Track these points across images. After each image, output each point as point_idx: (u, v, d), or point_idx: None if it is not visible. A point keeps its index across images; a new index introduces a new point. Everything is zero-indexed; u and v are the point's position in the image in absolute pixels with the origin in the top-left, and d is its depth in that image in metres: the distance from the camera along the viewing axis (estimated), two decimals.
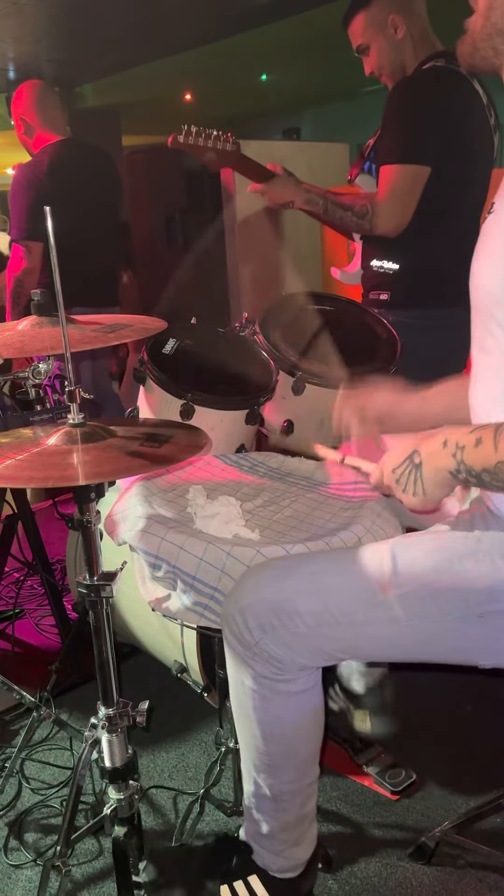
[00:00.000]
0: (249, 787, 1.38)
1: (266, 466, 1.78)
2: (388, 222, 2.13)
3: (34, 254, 2.82)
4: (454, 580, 1.16)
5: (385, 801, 1.72)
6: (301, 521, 1.51)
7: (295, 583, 1.22)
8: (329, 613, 1.19)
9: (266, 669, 1.24)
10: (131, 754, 1.37)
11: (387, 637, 1.21)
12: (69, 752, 1.91)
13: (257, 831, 1.40)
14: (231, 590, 1.29)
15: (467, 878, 1.52)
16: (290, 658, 1.23)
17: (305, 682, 1.27)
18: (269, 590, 1.23)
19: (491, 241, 1.16)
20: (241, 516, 1.49)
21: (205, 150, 2.08)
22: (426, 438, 1.14)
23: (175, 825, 1.68)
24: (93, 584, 1.28)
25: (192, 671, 1.75)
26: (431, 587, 1.16)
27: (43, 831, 1.69)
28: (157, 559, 1.37)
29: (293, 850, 1.40)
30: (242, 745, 1.36)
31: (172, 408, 1.78)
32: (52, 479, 1.07)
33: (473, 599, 1.14)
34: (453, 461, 1.09)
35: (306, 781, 1.36)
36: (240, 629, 1.23)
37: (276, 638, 1.21)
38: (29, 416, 1.77)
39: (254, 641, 1.22)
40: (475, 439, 1.07)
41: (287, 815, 1.36)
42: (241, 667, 1.27)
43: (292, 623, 1.20)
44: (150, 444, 1.22)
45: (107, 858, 1.61)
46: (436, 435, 1.13)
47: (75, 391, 1.22)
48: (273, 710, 1.28)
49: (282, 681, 1.25)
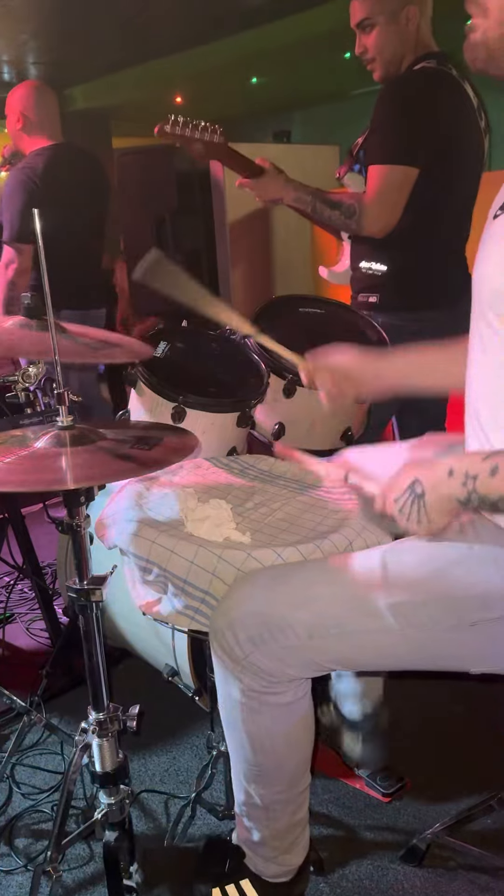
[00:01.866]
0: (240, 795, 1.37)
1: (257, 469, 1.78)
2: (375, 222, 2.13)
3: (25, 256, 2.83)
4: (446, 588, 1.15)
5: (376, 804, 1.72)
6: (292, 524, 1.50)
7: (285, 594, 1.21)
8: (320, 624, 1.18)
9: (255, 683, 1.23)
10: (122, 759, 1.37)
11: (379, 646, 1.20)
12: (60, 757, 1.90)
13: (249, 838, 1.40)
14: (220, 602, 1.28)
15: (458, 879, 1.52)
16: (281, 670, 1.22)
17: (295, 693, 1.27)
18: (259, 601, 1.22)
19: (496, 246, 1.14)
20: (232, 519, 1.49)
21: (192, 140, 2.07)
22: (426, 467, 1.11)
23: (167, 829, 1.67)
24: (83, 588, 1.28)
25: (183, 674, 1.74)
26: (423, 595, 1.16)
27: (34, 836, 1.68)
28: (148, 563, 1.36)
29: (285, 857, 1.40)
30: (232, 755, 1.36)
31: (164, 410, 1.78)
32: (42, 483, 1.06)
33: (465, 608, 1.13)
34: (463, 490, 1.05)
35: (297, 790, 1.36)
36: (229, 643, 1.22)
37: (266, 651, 1.20)
38: (18, 420, 1.77)
39: (243, 655, 1.21)
40: (490, 468, 1.03)
41: (278, 823, 1.36)
42: (230, 680, 1.26)
43: (283, 636, 1.19)
44: (139, 447, 1.21)
45: (98, 863, 1.60)
46: (437, 463, 1.10)
47: (64, 393, 1.21)
48: (262, 721, 1.27)
49: (271, 693, 1.24)
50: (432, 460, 1.12)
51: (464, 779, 1.78)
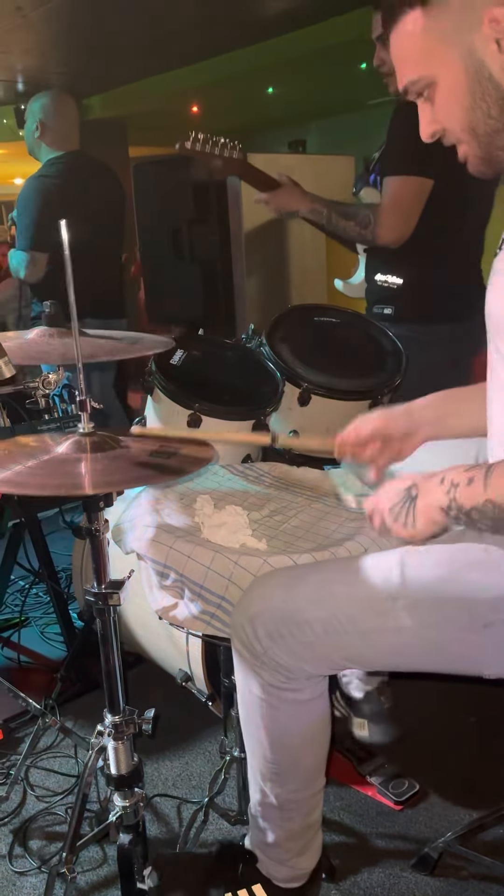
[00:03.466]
0: (256, 795, 1.39)
1: (272, 476, 1.79)
2: (390, 233, 2.14)
3: (39, 265, 2.84)
4: (462, 590, 1.16)
5: (388, 812, 1.73)
6: (307, 531, 1.52)
7: (303, 591, 1.23)
8: (337, 621, 1.20)
9: (274, 678, 1.25)
10: (137, 762, 1.38)
11: (393, 645, 1.22)
12: (74, 760, 1.91)
13: (262, 840, 1.41)
14: (240, 599, 1.30)
15: (470, 889, 1.52)
16: (298, 666, 1.24)
17: (313, 691, 1.29)
18: (277, 598, 1.24)
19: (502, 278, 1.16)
20: (248, 526, 1.50)
21: (212, 157, 2.11)
22: (427, 475, 1.15)
23: (179, 833, 1.68)
24: (100, 592, 1.29)
25: (196, 680, 1.76)
26: (439, 597, 1.17)
27: (47, 838, 1.69)
28: (166, 568, 1.38)
29: (298, 860, 1.41)
30: (249, 753, 1.37)
31: (180, 418, 1.80)
32: (63, 488, 1.08)
33: (480, 609, 1.15)
34: (446, 498, 1.09)
35: (312, 790, 1.38)
36: (249, 638, 1.24)
37: (284, 646, 1.22)
38: (37, 426, 1.79)
39: (262, 650, 1.23)
40: (468, 478, 1.07)
41: (293, 823, 1.37)
42: (250, 675, 1.28)
43: (300, 631, 1.21)
44: (158, 456, 1.23)
45: (111, 866, 1.61)
46: (436, 473, 1.13)
47: (86, 401, 1.23)
48: (280, 718, 1.29)
49: (289, 689, 1.26)
50: (433, 472, 1.15)
51: (476, 788, 1.78)
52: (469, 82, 1.07)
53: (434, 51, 1.08)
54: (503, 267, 1.17)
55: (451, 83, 1.09)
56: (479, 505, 1.06)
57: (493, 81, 1.06)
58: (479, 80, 1.06)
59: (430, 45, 1.08)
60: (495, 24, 1.02)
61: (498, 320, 1.18)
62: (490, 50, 1.04)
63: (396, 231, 2.14)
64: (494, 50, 1.04)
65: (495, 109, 1.07)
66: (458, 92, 1.09)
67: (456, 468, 1.11)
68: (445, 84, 1.10)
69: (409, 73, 1.12)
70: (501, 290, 1.17)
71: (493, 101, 1.07)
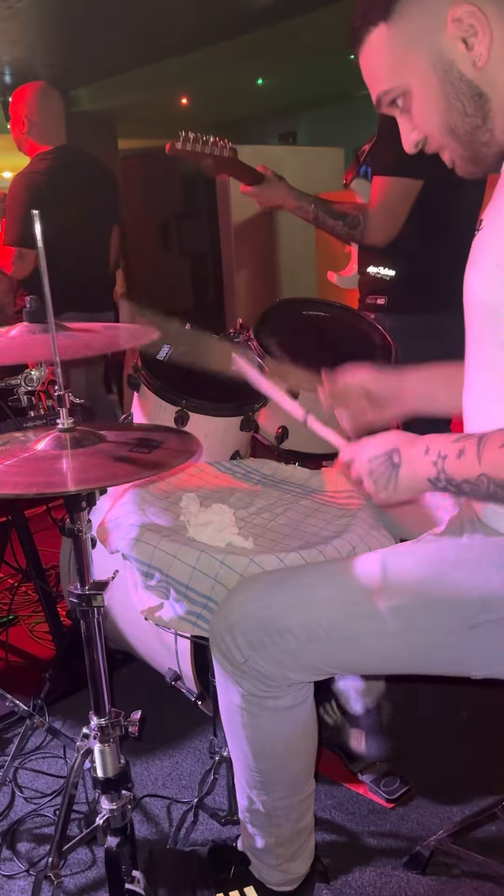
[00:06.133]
0: (243, 801, 1.37)
1: (260, 473, 1.77)
2: (378, 233, 2.14)
3: (27, 261, 2.82)
4: (446, 591, 1.15)
5: (380, 810, 1.71)
6: (295, 529, 1.50)
7: (284, 597, 1.21)
8: (319, 628, 1.17)
9: (255, 687, 1.23)
10: (124, 764, 1.36)
11: (378, 650, 1.20)
12: (63, 761, 1.89)
13: (253, 845, 1.39)
14: (219, 607, 1.28)
15: (462, 887, 1.51)
16: (281, 674, 1.21)
17: (295, 698, 1.26)
18: (257, 605, 1.21)
19: (481, 257, 1.15)
20: (234, 524, 1.48)
21: (202, 156, 2.09)
22: (409, 440, 1.13)
23: (169, 834, 1.66)
24: (84, 593, 1.27)
25: (185, 679, 1.74)
26: (423, 598, 1.15)
27: (36, 841, 1.68)
28: (150, 568, 1.36)
29: (290, 864, 1.39)
30: (234, 761, 1.35)
31: (167, 414, 1.78)
32: (36, 486, 1.05)
33: (465, 610, 1.13)
34: (434, 469, 1.08)
35: (300, 797, 1.35)
36: (228, 647, 1.21)
37: (265, 655, 1.19)
38: (21, 423, 1.76)
39: (243, 659, 1.20)
40: (458, 450, 1.06)
41: (282, 830, 1.35)
42: (230, 685, 1.25)
43: (282, 639, 1.18)
44: (140, 450, 1.21)
45: (100, 868, 1.59)
46: (419, 440, 1.12)
47: (65, 395, 1.21)
48: (262, 726, 1.26)
49: (271, 697, 1.24)
50: (415, 436, 1.14)
51: (468, 785, 1.76)
52: (441, 84, 1.08)
53: (403, 60, 1.10)
54: (480, 247, 1.15)
55: (423, 89, 1.10)
56: (473, 479, 1.04)
57: (465, 80, 1.07)
58: (450, 80, 1.07)
59: (397, 55, 1.10)
60: (459, 24, 1.04)
61: (476, 302, 1.16)
62: (458, 49, 1.05)
63: (384, 232, 2.14)
64: (462, 49, 1.05)
65: (471, 107, 1.08)
66: (431, 96, 1.10)
67: (440, 437, 1.10)
68: (418, 90, 1.11)
69: (381, 86, 1.14)
70: (480, 270, 1.15)
71: (467, 98, 1.08)
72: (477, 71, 1.06)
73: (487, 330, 1.15)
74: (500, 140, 1.11)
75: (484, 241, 1.14)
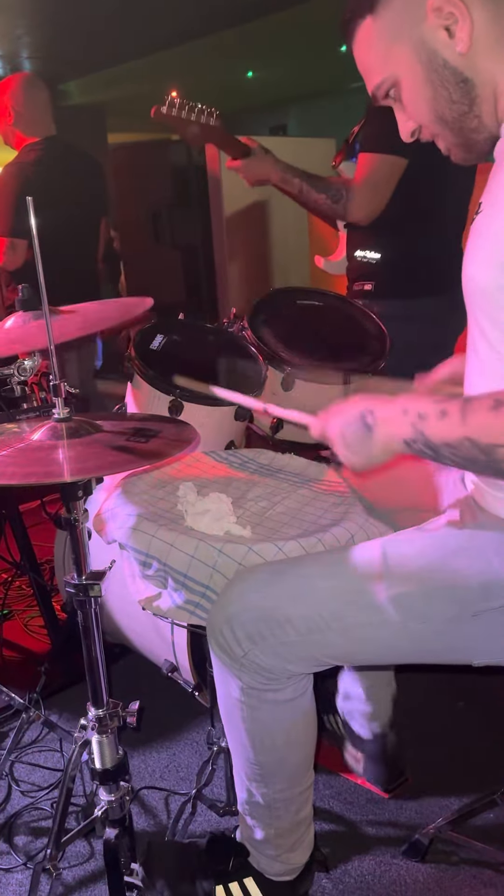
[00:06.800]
0: (242, 794, 1.36)
1: (256, 463, 1.76)
2: (360, 209, 2.13)
3: (18, 251, 2.81)
4: (447, 579, 1.13)
5: (378, 799, 1.71)
6: (293, 518, 1.49)
7: (284, 588, 1.19)
8: (320, 618, 1.16)
9: (254, 680, 1.21)
10: (122, 755, 1.35)
11: (379, 640, 1.18)
12: (59, 754, 1.88)
13: (252, 836, 1.38)
14: (217, 598, 1.26)
15: (462, 874, 1.51)
16: (281, 667, 1.20)
17: (295, 690, 1.25)
18: (256, 596, 1.20)
19: (482, 241, 1.13)
20: (232, 513, 1.47)
21: (188, 123, 2.07)
22: (382, 401, 1.10)
23: (167, 826, 1.66)
24: (81, 583, 1.26)
25: (182, 670, 1.73)
26: (424, 587, 1.14)
27: (33, 834, 1.67)
28: (148, 557, 1.35)
29: (289, 855, 1.38)
30: (233, 753, 1.34)
31: (161, 404, 1.76)
32: (34, 476, 1.04)
33: (467, 598, 1.12)
34: (411, 430, 1.04)
35: (300, 789, 1.34)
36: (227, 641, 1.20)
37: (265, 648, 1.18)
38: (15, 414, 1.75)
39: (242, 653, 1.19)
40: (439, 411, 1.02)
41: (281, 821, 1.34)
42: (229, 678, 1.24)
43: (282, 631, 1.17)
44: (136, 440, 1.20)
45: (99, 861, 1.59)
46: (394, 400, 1.08)
47: (60, 385, 1.20)
48: (262, 719, 1.25)
49: (270, 690, 1.23)
50: (387, 397, 1.10)
51: (466, 773, 1.76)
52: (426, 73, 1.10)
53: (389, 51, 1.13)
54: (479, 230, 1.13)
55: (410, 78, 1.12)
56: (453, 441, 1.01)
57: (449, 67, 1.09)
58: (434, 68, 1.09)
59: (384, 47, 1.13)
60: (438, 13, 1.06)
61: (476, 286, 1.14)
62: (440, 38, 1.08)
63: (366, 208, 2.13)
64: (444, 37, 1.07)
65: (457, 93, 1.10)
66: (418, 85, 1.12)
67: (418, 397, 1.07)
68: (406, 80, 1.13)
69: (373, 79, 1.17)
70: (481, 252, 1.12)
71: (452, 85, 1.10)
72: (460, 58, 1.08)
73: (486, 314, 1.13)
74: (488, 125, 1.12)
75: (483, 225, 1.12)
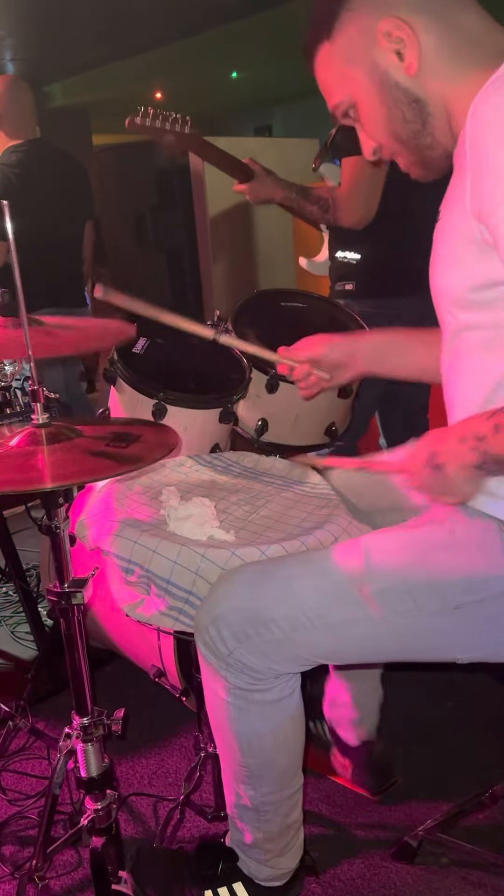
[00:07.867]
0: (231, 797, 1.35)
1: (240, 466, 1.75)
2: (351, 214, 2.14)
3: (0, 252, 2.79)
4: (429, 573, 1.15)
5: (367, 802, 1.71)
6: (276, 521, 1.48)
7: (268, 588, 1.20)
8: (304, 616, 1.17)
9: (241, 680, 1.22)
10: (107, 763, 1.34)
11: (363, 637, 1.19)
12: (46, 762, 1.87)
13: (241, 840, 1.38)
14: (203, 599, 1.26)
15: (451, 876, 1.51)
16: (266, 666, 1.20)
17: (282, 690, 1.25)
18: (241, 596, 1.21)
19: (442, 247, 1.18)
20: (215, 517, 1.46)
21: (163, 132, 2.06)
22: (440, 438, 1.10)
23: (155, 832, 1.65)
24: (63, 591, 1.25)
25: (169, 675, 1.72)
26: (406, 582, 1.15)
27: (20, 843, 1.65)
28: (130, 563, 1.34)
29: (279, 860, 1.38)
30: (221, 755, 1.34)
31: (144, 408, 1.75)
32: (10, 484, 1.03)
33: (449, 592, 1.13)
34: (476, 455, 1.04)
35: (288, 792, 1.34)
36: (213, 640, 1.20)
37: (251, 647, 1.18)
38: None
39: (227, 652, 1.20)
40: (493, 426, 1.02)
41: (270, 825, 1.34)
42: (216, 678, 1.24)
43: (267, 630, 1.17)
44: (117, 444, 1.19)
45: (87, 869, 1.57)
46: (450, 432, 1.10)
47: (39, 390, 1.18)
48: (249, 720, 1.25)
49: (257, 690, 1.23)
50: (444, 431, 1.12)
51: (454, 775, 1.76)
52: (380, 94, 1.14)
53: (345, 74, 1.17)
54: (439, 237, 1.18)
55: (366, 99, 1.16)
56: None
57: (401, 88, 1.13)
58: (388, 90, 1.13)
59: (340, 70, 1.17)
60: (388, 37, 1.10)
61: (438, 288, 1.19)
62: (391, 61, 1.11)
63: (357, 212, 2.14)
64: (395, 60, 1.11)
65: (410, 113, 1.14)
66: (374, 105, 1.16)
67: (469, 420, 1.08)
68: (363, 101, 1.17)
69: (332, 99, 1.21)
70: (440, 260, 1.17)
71: (405, 105, 1.13)
72: (411, 79, 1.11)
73: (452, 317, 1.17)
74: (442, 143, 1.15)
75: (443, 231, 1.16)
